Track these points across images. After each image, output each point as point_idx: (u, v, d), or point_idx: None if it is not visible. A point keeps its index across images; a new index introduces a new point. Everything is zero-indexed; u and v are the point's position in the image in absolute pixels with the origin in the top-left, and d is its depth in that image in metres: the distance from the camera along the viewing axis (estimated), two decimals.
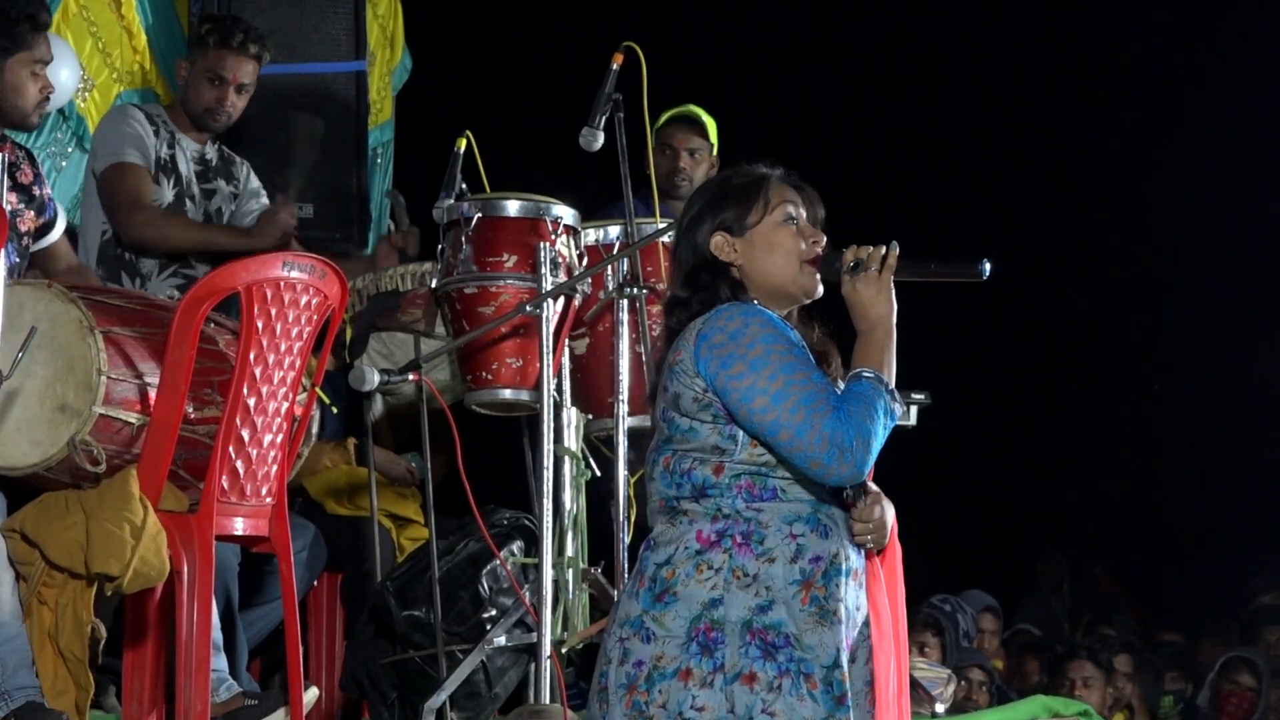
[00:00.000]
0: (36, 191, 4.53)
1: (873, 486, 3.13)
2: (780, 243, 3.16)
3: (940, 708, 5.63)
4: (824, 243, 3.19)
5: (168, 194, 5.16)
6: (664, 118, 5.86)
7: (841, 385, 3.12)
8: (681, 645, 2.99)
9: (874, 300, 3.13)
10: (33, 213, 4.50)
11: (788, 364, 3.01)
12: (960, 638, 7.11)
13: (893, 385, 3.08)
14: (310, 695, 4.22)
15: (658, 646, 3.00)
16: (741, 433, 3.04)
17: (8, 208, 4.37)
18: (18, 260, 4.40)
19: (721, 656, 2.98)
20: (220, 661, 4.23)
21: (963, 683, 6.32)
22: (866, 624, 3.12)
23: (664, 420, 3.11)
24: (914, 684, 5.61)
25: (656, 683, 2.99)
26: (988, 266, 3.16)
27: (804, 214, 3.20)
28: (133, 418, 3.82)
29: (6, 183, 4.44)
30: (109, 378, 3.77)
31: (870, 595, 3.12)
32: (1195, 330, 10.83)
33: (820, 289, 3.18)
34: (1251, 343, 10.56)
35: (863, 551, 3.13)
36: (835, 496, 3.10)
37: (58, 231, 4.64)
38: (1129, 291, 11.16)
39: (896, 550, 3.21)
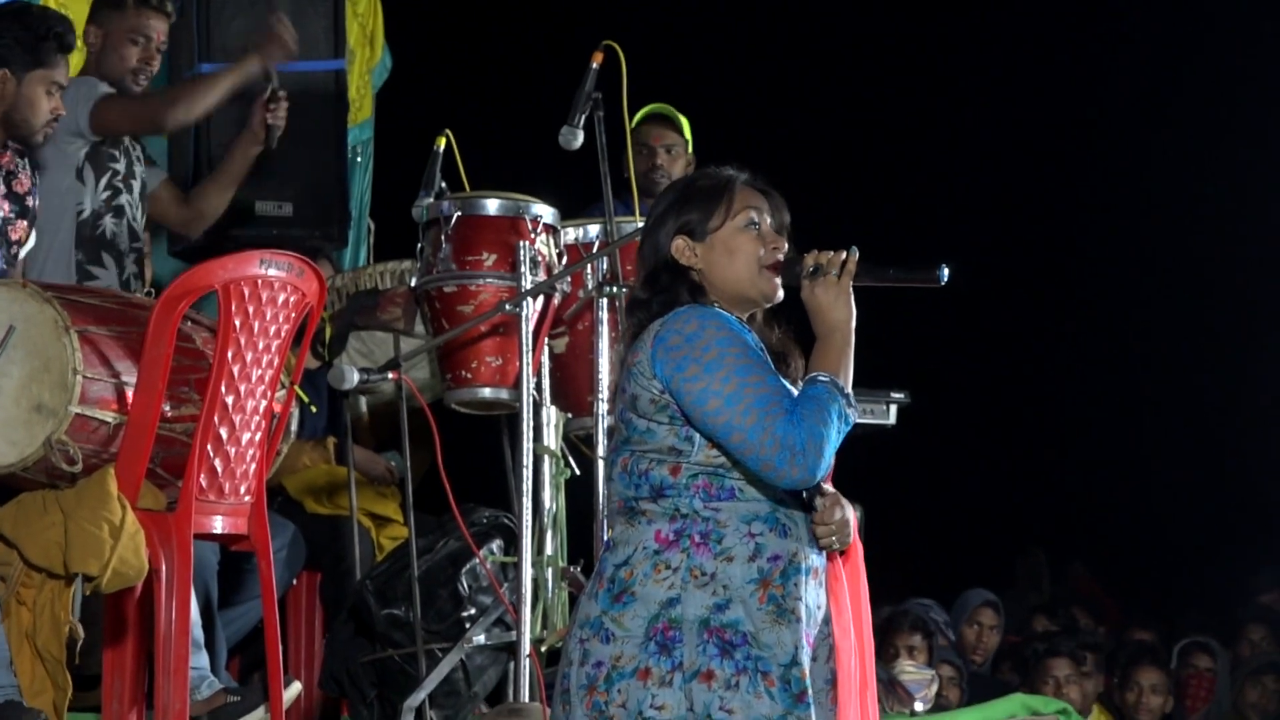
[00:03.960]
0: (30, 202, 4.50)
1: (829, 489, 3.14)
2: (740, 248, 3.16)
3: (920, 707, 5.65)
4: (785, 248, 3.19)
5: (90, 200, 4.99)
6: (638, 117, 5.87)
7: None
8: (640, 645, 3.01)
9: (832, 305, 3.13)
10: (25, 223, 4.48)
11: (742, 366, 3.03)
12: (946, 636, 7.13)
13: (849, 390, 3.09)
14: (292, 690, 4.22)
15: (616, 646, 3.02)
16: (698, 434, 3.05)
17: (0, 216, 4.37)
18: (5, 267, 4.38)
19: (680, 655, 3.00)
20: (201, 659, 4.23)
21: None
22: (827, 622, 3.13)
23: (622, 421, 3.13)
24: (896, 684, 5.63)
25: (616, 682, 3.01)
26: (946, 272, 3.17)
27: (768, 220, 3.20)
28: (109, 417, 3.81)
29: (2, 189, 4.42)
30: (85, 377, 3.76)
31: (833, 594, 3.13)
32: (1176, 329, 10.85)
33: (780, 294, 3.19)
34: (1233, 340, 10.58)
35: (824, 551, 3.14)
36: (794, 495, 3.10)
37: (30, 244, 4.59)
38: (1109, 290, 11.18)
39: (858, 549, 3.22)
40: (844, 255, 3.15)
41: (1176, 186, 10.58)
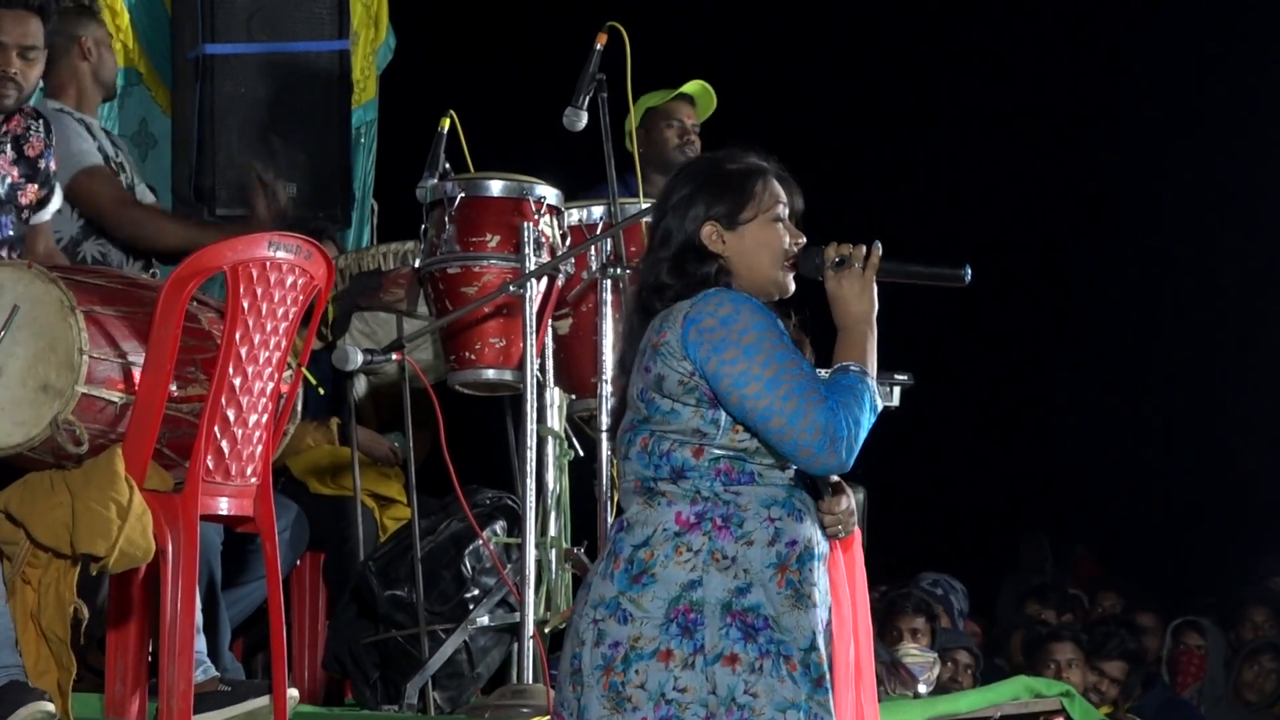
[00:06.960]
0: (42, 165, 4.47)
1: (833, 477, 3.17)
2: (770, 241, 3.20)
3: (923, 689, 5.66)
4: (803, 240, 3.23)
5: (67, 227, 4.97)
6: (682, 89, 5.85)
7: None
8: (660, 626, 3.02)
9: (858, 297, 3.18)
10: (35, 185, 4.45)
11: (780, 352, 3.05)
12: (956, 617, 7.13)
13: (874, 381, 3.12)
14: (290, 697, 4.20)
15: (635, 628, 3.02)
16: (724, 417, 3.06)
17: (7, 181, 4.35)
18: (11, 234, 4.37)
19: (701, 638, 3.00)
20: (199, 643, 4.22)
21: (949, 664, 6.34)
22: (828, 608, 3.15)
23: (642, 401, 3.13)
24: (899, 667, 5.64)
25: (634, 663, 3.01)
26: (969, 272, 3.21)
27: (788, 210, 3.24)
28: (116, 397, 3.81)
29: (10, 155, 4.41)
30: (91, 357, 3.76)
31: (831, 581, 3.16)
32: (1181, 313, 10.85)
33: (792, 287, 3.22)
34: (1238, 325, 10.59)
35: (827, 538, 3.16)
36: (806, 482, 3.13)
37: (52, 207, 4.57)
38: (1115, 275, 11.19)
39: (857, 536, 3.25)
40: (867, 249, 3.20)
41: (1181, 175, 10.58)
